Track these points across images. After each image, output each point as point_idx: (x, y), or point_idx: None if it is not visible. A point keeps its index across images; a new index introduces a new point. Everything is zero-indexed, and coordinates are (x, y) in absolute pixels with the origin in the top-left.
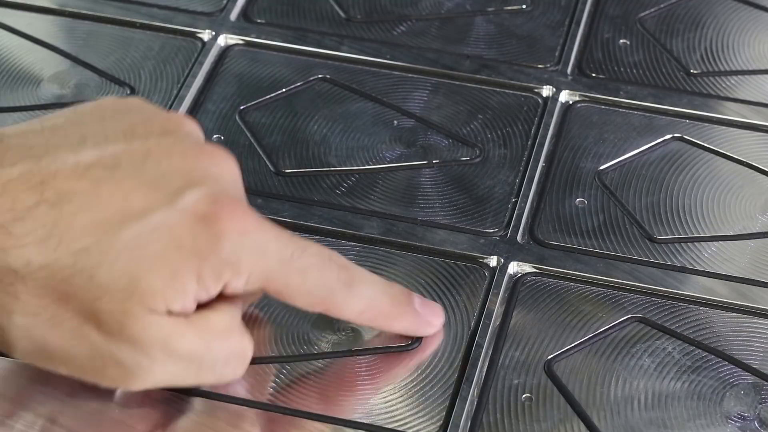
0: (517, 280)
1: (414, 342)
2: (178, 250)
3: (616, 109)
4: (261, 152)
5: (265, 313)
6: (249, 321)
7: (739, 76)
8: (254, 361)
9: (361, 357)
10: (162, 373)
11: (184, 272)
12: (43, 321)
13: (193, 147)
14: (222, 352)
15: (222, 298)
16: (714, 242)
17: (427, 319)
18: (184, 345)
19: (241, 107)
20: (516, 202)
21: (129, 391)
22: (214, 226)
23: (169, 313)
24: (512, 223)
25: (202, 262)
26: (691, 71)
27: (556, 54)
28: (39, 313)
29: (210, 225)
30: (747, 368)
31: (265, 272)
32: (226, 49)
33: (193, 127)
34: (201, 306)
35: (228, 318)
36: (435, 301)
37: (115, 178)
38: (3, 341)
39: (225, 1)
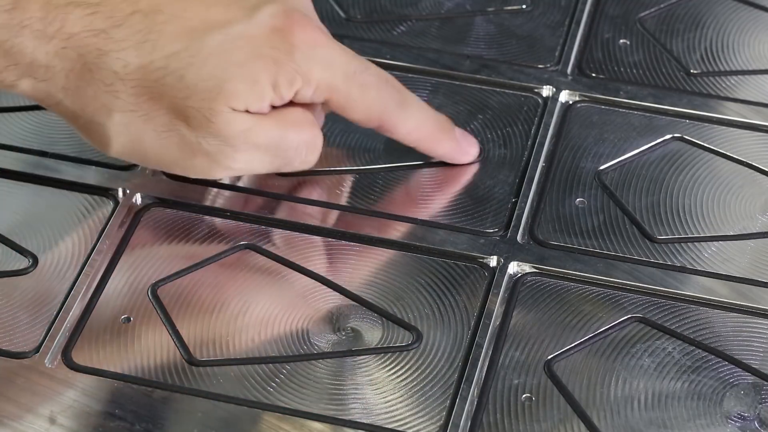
0: (517, 280)
1: (414, 342)
2: (258, 59)
3: (616, 109)
4: None
5: (265, 312)
6: (248, 321)
7: (739, 76)
8: (254, 361)
9: (361, 357)
10: (242, 161)
11: (263, 78)
12: (138, 117)
13: None
14: (295, 140)
15: (296, 103)
16: (714, 242)
17: (465, 148)
18: (262, 134)
19: None
20: (516, 202)
21: (214, 178)
22: (288, 38)
23: (248, 111)
24: (512, 223)
25: (279, 69)
26: (691, 71)
27: (556, 54)
28: (135, 110)
29: (285, 37)
30: (747, 368)
31: (330, 84)
32: None
33: None
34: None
35: (301, 113)
36: (435, 301)
37: None
38: (102, 138)
39: None
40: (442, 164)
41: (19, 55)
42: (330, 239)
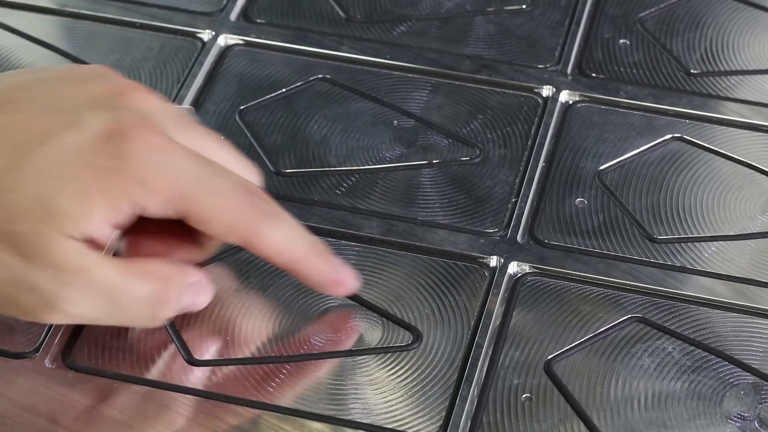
0: (517, 280)
1: (414, 342)
2: (85, 170)
3: (616, 109)
4: (261, 152)
5: (265, 312)
6: (248, 321)
7: (739, 76)
8: (254, 361)
9: (361, 357)
10: (77, 304)
11: (93, 191)
12: None
13: (105, 83)
14: (138, 292)
15: (160, 253)
16: (714, 242)
17: (343, 278)
18: (101, 274)
19: (241, 107)
20: (516, 202)
21: (43, 323)
22: (121, 144)
23: (86, 240)
24: (512, 223)
25: (109, 180)
26: (691, 71)
27: (556, 54)
28: None
29: (117, 143)
30: (747, 368)
31: (180, 192)
32: (226, 49)
33: (106, 71)
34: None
35: (155, 265)
36: (435, 301)
37: (25, 109)
38: None
39: (225, 1)
40: (443, 164)
41: None
42: (330, 239)
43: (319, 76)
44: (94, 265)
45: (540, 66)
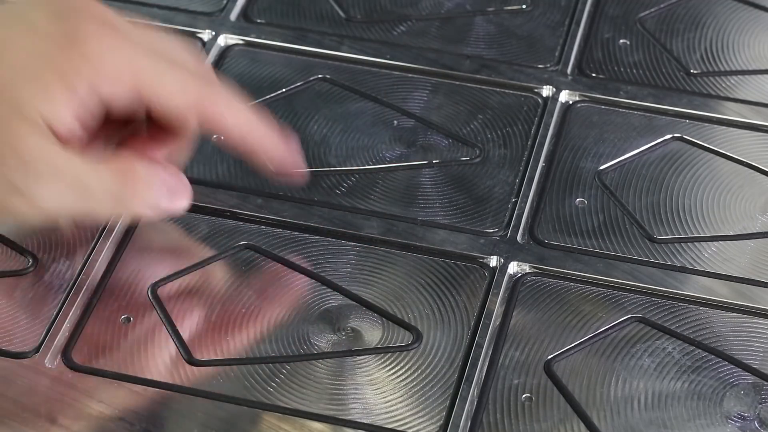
0: (517, 280)
1: (414, 342)
2: (41, 59)
3: (616, 109)
4: None
5: (265, 312)
6: (248, 321)
7: (739, 76)
8: (254, 361)
9: (361, 357)
10: (46, 194)
11: (49, 77)
12: None
13: None
14: (106, 182)
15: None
16: (714, 242)
17: (295, 158)
18: (67, 164)
19: None
20: (516, 202)
21: (15, 216)
22: (73, 31)
23: (51, 130)
24: (512, 223)
25: (65, 64)
26: (691, 71)
27: (556, 54)
28: None
29: (69, 22)
30: (747, 368)
31: (135, 73)
32: (226, 49)
33: None
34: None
35: (123, 155)
36: (435, 301)
37: None
38: None
39: (225, 1)
40: (443, 164)
41: None
42: (330, 239)
43: (319, 76)
44: (60, 155)
45: (540, 66)
